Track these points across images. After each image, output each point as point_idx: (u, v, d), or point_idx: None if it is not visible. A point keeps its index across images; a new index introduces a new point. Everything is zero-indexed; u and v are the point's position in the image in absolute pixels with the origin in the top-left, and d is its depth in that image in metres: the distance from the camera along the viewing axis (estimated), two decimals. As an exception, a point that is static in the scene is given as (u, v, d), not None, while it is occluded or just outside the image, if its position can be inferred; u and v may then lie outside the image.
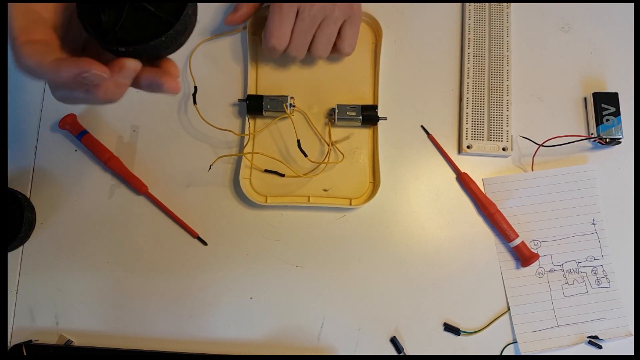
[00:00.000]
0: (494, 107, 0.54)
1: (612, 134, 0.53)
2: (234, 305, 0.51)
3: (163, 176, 0.53)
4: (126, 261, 0.51)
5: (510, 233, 0.51)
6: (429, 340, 0.50)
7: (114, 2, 0.33)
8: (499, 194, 0.53)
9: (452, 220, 0.53)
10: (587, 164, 0.54)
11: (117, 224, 0.52)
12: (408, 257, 0.52)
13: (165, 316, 0.50)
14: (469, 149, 0.53)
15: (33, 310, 0.50)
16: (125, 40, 0.32)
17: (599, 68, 0.57)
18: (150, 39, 0.32)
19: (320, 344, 0.50)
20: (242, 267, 0.51)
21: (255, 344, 0.50)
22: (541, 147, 0.53)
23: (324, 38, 0.50)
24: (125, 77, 0.32)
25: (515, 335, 0.50)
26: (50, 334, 0.50)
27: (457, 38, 0.57)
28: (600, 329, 0.51)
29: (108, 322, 0.50)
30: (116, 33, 0.33)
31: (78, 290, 0.51)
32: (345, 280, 0.51)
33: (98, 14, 0.33)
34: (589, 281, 0.52)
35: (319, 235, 0.52)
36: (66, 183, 0.53)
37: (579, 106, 0.56)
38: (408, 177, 0.54)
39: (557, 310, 0.51)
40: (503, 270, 0.52)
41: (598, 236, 0.53)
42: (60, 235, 0.52)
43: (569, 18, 0.58)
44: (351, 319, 0.51)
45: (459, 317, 0.51)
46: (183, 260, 0.51)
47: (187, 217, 0.52)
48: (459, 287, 0.51)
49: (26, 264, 0.51)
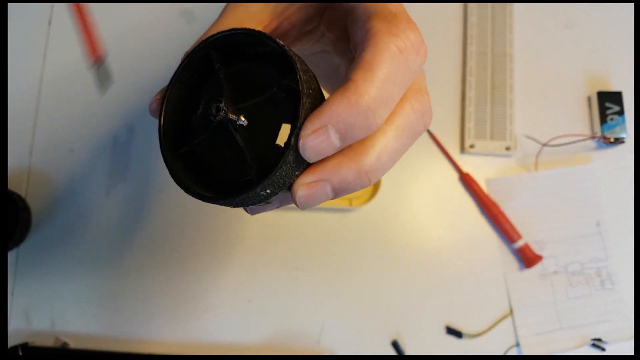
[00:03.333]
0: (497, 106, 0.54)
1: (616, 134, 0.52)
2: (232, 308, 0.50)
3: (160, 176, 0.52)
4: (123, 263, 0.51)
5: (514, 234, 0.50)
6: (431, 343, 0.50)
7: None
8: (502, 195, 0.52)
9: (454, 222, 0.52)
10: (591, 163, 0.53)
11: (114, 225, 0.51)
12: (409, 259, 0.51)
13: (162, 319, 0.50)
14: (472, 148, 0.53)
15: (29, 312, 0.50)
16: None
17: (603, 66, 0.56)
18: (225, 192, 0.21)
19: (320, 348, 0.49)
20: (240, 269, 0.51)
21: (253, 347, 0.49)
22: (545, 147, 0.52)
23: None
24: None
25: (518, 338, 0.50)
26: (46, 336, 0.49)
27: (459, 35, 0.56)
28: (604, 332, 0.50)
29: (104, 324, 0.50)
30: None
31: (74, 292, 0.50)
32: (346, 282, 0.51)
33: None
34: (593, 283, 0.51)
35: (318, 236, 0.51)
36: (62, 183, 0.52)
37: (583, 105, 0.55)
38: (409, 177, 0.53)
39: (561, 312, 0.50)
40: (506, 272, 0.51)
41: (602, 237, 0.52)
42: (55, 237, 0.51)
43: (573, 15, 0.57)
44: (351, 322, 0.50)
45: (462, 320, 0.50)
46: (180, 262, 0.51)
47: (185, 218, 0.51)
48: (461, 290, 0.51)
49: (22, 266, 0.51)
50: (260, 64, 0.22)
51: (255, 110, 0.21)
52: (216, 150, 0.22)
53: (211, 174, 0.22)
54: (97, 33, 0.39)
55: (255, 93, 0.21)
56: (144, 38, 0.55)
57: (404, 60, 0.20)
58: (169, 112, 0.23)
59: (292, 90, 0.20)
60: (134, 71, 0.54)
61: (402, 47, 0.20)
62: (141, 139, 0.53)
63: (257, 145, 0.21)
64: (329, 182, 0.20)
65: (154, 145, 0.53)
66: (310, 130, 0.19)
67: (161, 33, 0.55)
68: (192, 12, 0.55)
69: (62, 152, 0.53)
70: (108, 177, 0.52)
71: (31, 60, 0.54)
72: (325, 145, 0.19)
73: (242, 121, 0.21)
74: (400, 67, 0.20)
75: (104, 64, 0.38)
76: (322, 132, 0.19)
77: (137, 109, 0.54)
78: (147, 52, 0.55)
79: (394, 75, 0.20)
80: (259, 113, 0.21)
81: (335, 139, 0.19)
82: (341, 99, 0.19)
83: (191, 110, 0.23)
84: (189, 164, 0.22)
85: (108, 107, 0.53)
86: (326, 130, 0.19)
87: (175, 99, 0.23)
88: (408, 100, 0.21)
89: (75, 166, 0.52)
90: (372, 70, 0.19)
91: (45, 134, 0.53)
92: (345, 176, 0.20)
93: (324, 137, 0.19)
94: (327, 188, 0.21)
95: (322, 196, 0.21)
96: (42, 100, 0.54)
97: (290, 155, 0.19)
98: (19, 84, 0.53)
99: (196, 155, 0.22)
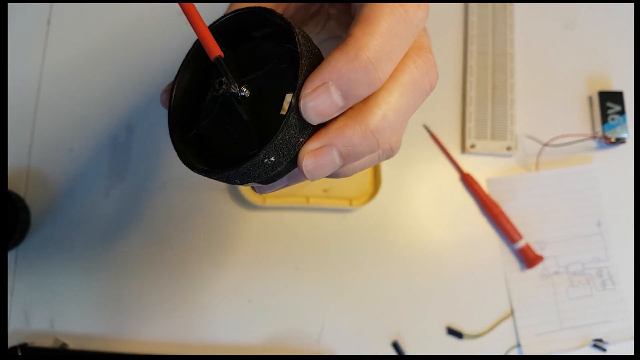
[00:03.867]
0: (498, 106, 0.53)
1: (617, 133, 0.52)
2: (231, 308, 0.50)
3: (160, 176, 0.52)
4: (122, 263, 0.51)
5: (515, 234, 0.50)
6: (432, 344, 0.49)
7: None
8: (502, 195, 0.52)
9: (455, 222, 0.52)
10: (592, 163, 0.53)
11: (113, 225, 0.51)
12: (410, 259, 0.51)
13: (161, 319, 0.50)
14: (472, 147, 0.53)
15: (28, 313, 0.50)
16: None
17: (604, 66, 0.56)
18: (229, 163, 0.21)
19: (320, 348, 0.49)
20: (240, 270, 0.51)
21: (253, 347, 0.49)
22: (546, 147, 0.52)
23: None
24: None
25: (519, 339, 0.50)
26: (45, 337, 0.49)
27: (460, 35, 0.56)
28: (606, 332, 0.50)
29: (103, 325, 0.49)
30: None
31: (73, 293, 0.50)
32: (346, 282, 0.50)
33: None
34: (594, 283, 0.51)
35: (318, 237, 0.51)
36: (61, 183, 0.52)
37: (584, 105, 0.55)
38: (410, 177, 0.53)
39: (562, 313, 0.50)
40: (507, 273, 0.51)
41: (603, 237, 0.52)
42: (55, 237, 0.51)
43: (574, 15, 0.57)
44: (352, 323, 0.50)
45: (462, 321, 0.50)
46: (180, 263, 0.51)
47: (185, 218, 0.51)
48: (461, 290, 0.51)
49: (21, 266, 0.51)
50: (264, 42, 0.22)
51: (259, 83, 0.21)
52: (223, 130, 0.22)
53: (219, 154, 0.22)
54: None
55: (257, 68, 0.21)
56: (144, 38, 0.55)
57: (404, 12, 0.19)
58: (178, 99, 0.23)
59: (293, 58, 0.20)
60: (134, 71, 0.54)
61: (401, 3, 0.19)
62: (141, 139, 0.53)
63: (262, 118, 0.21)
64: (334, 146, 0.19)
65: (154, 145, 0.53)
66: (310, 89, 0.18)
67: (161, 33, 0.55)
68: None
69: (62, 152, 0.52)
70: (107, 177, 0.52)
71: (30, 60, 0.54)
72: (328, 105, 0.19)
73: (244, 92, 0.21)
74: (401, 20, 0.19)
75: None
76: (323, 90, 0.18)
77: (137, 108, 0.54)
78: (147, 52, 0.55)
79: (394, 28, 0.19)
80: (263, 86, 0.21)
81: (337, 97, 0.19)
82: (340, 54, 0.19)
83: (200, 96, 0.23)
84: (198, 147, 0.22)
85: (107, 107, 0.53)
86: (327, 87, 0.18)
87: (184, 87, 0.23)
88: (411, 57, 0.20)
89: (74, 166, 0.52)
90: (371, 23, 0.19)
91: (44, 134, 0.53)
92: (350, 138, 0.19)
93: (325, 95, 0.19)
94: (334, 153, 0.20)
95: (330, 163, 0.20)
96: (41, 99, 0.53)
97: (291, 117, 0.19)
98: (18, 84, 0.53)
99: (204, 138, 0.22)
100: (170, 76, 0.57)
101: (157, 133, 0.53)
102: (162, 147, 0.53)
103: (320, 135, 0.20)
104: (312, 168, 0.20)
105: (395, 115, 0.20)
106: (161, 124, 0.53)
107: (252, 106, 0.21)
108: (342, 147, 0.19)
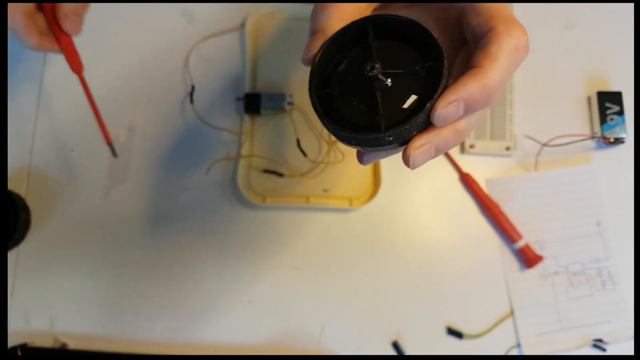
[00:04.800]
0: (497, 106, 0.54)
1: (615, 134, 0.53)
2: (231, 309, 0.50)
3: (160, 177, 0.52)
4: (122, 263, 0.51)
5: (514, 234, 0.50)
6: (432, 344, 0.50)
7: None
8: (502, 195, 0.52)
9: (454, 222, 0.52)
10: (591, 163, 0.53)
11: (113, 225, 0.51)
12: (410, 259, 0.51)
13: (161, 319, 0.50)
14: (472, 148, 0.53)
15: (28, 313, 0.50)
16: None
17: (603, 66, 0.56)
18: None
19: (321, 348, 0.49)
20: (240, 270, 0.51)
21: (253, 347, 0.49)
22: (544, 147, 0.52)
23: None
24: None
25: (519, 339, 0.50)
26: (45, 337, 0.49)
27: (459, 36, 0.56)
28: (606, 332, 0.50)
29: (104, 325, 0.50)
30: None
31: (74, 293, 0.50)
32: (346, 282, 0.50)
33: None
34: (594, 283, 0.51)
35: (318, 236, 0.51)
36: (62, 184, 0.52)
37: (582, 105, 0.55)
38: (410, 177, 0.53)
39: (562, 312, 0.50)
40: (507, 273, 0.51)
41: (602, 237, 0.52)
42: (55, 237, 0.51)
43: (573, 16, 0.57)
44: (352, 323, 0.50)
45: (462, 321, 0.50)
46: (180, 263, 0.51)
47: (185, 218, 0.51)
48: (461, 290, 0.51)
49: (21, 266, 0.51)
50: (403, 43, 0.27)
51: (396, 78, 0.26)
52: (349, 99, 0.27)
53: (340, 117, 0.27)
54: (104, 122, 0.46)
55: (395, 66, 0.26)
56: (145, 38, 0.55)
57: (517, 55, 0.26)
58: (321, 61, 0.27)
59: (430, 70, 0.26)
60: (135, 71, 0.55)
61: (517, 45, 0.26)
62: (141, 139, 0.53)
63: (388, 104, 0.26)
64: (433, 144, 0.26)
65: (155, 145, 0.53)
66: (446, 102, 0.24)
67: (162, 33, 0.55)
68: (192, 13, 0.56)
69: (63, 153, 0.53)
70: (108, 177, 0.52)
71: (32, 60, 0.55)
72: (453, 115, 0.25)
73: (388, 82, 0.26)
74: (515, 60, 0.26)
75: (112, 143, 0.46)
76: (455, 105, 0.25)
77: (138, 109, 0.54)
78: (148, 53, 0.55)
79: (509, 66, 0.26)
80: (397, 81, 0.26)
81: (461, 110, 0.25)
82: (473, 81, 0.25)
83: (332, 65, 0.28)
84: (325, 105, 0.27)
85: (108, 107, 0.53)
86: (458, 103, 0.25)
87: (327, 54, 0.28)
88: (507, 31, 0.27)
89: (75, 166, 0.52)
90: (497, 60, 0.25)
91: (45, 134, 0.53)
92: (445, 137, 0.26)
93: (454, 108, 0.25)
94: (432, 149, 0.26)
95: (428, 156, 0.26)
96: (43, 100, 0.54)
97: (421, 117, 0.25)
98: (19, 84, 0.53)
99: (332, 99, 0.27)
100: (169, 77, 0.56)
101: (158, 133, 0.53)
102: (163, 147, 0.53)
103: (424, 136, 0.26)
104: (415, 158, 0.26)
105: (475, 120, 0.27)
106: (162, 124, 0.53)
107: (382, 92, 0.26)
108: (438, 143, 0.26)
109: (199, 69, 0.54)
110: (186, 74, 0.54)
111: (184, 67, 0.54)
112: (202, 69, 0.54)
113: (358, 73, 0.26)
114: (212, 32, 0.55)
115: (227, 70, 0.54)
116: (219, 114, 0.53)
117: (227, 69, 0.54)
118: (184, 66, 0.54)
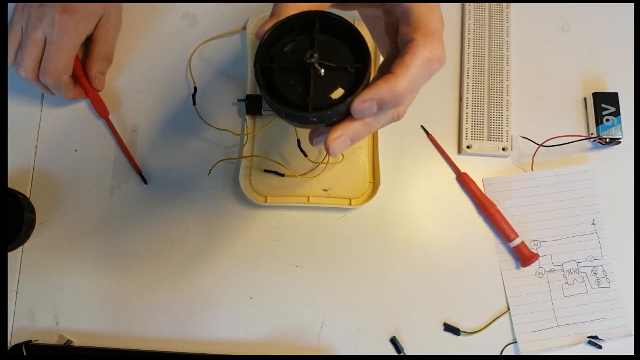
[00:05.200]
0: (493, 107, 0.54)
1: (612, 134, 0.53)
2: (233, 305, 0.51)
3: (162, 176, 0.53)
4: (126, 261, 0.51)
5: (510, 233, 0.51)
6: (429, 340, 0.50)
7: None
8: (499, 194, 0.53)
9: (452, 221, 0.53)
10: (587, 164, 0.54)
11: (117, 224, 0.52)
12: (408, 257, 0.52)
13: (165, 316, 0.50)
14: (468, 148, 0.53)
15: (33, 310, 0.50)
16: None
17: (599, 68, 0.57)
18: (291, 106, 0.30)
19: (320, 344, 0.50)
20: (242, 267, 0.51)
21: (255, 344, 0.50)
22: (541, 147, 0.53)
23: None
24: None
25: (515, 335, 0.50)
26: (50, 334, 0.50)
27: (457, 38, 0.57)
28: (600, 329, 0.51)
29: (108, 322, 0.50)
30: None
31: (78, 290, 0.51)
32: (345, 280, 0.51)
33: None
34: (589, 281, 0.52)
35: (318, 235, 0.52)
36: (66, 183, 0.53)
37: (579, 106, 0.56)
38: (408, 177, 0.54)
39: (557, 310, 0.51)
40: (503, 270, 0.52)
41: (598, 236, 0.53)
42: (60, 235, 0.52)
43: (569, 18, 0.58)
44: (351, 319, 0.51)
45: (459, 317, 0.51)
46: (183, 260, 0.51)
47: (187, 216, 0.52)
48: (458, 287, 0.51)
49: (26, 264, 0.51)
50: (342, 42, 0.31)
51: (329, 70, 0.31)
52: (288, 78, 0.31)
53: (277, 91, 0.31)
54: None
55: (332, 60, 0.31)
56: (146, 39, 0.56)
57: (430, 67, 0.30)
58: (268, 39, 0.31)
59: (358, 71, 0.30)
60: (137, 72, 0.55)
61: (431, 57, 0.30)
62: (144, 139, 0.54)
63: (318, 90, 0.30)
64: (348, 135, 0.31)
65: (157, 145, 0.53)
66: (362, 100, 0.29)
67: (164, 35, 0.56)
68: (194, 16, 0.56)
69: (66, 152, 0.53)
70: (112, 177, 0.53)
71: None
72: (368, 111, 0.30)
73: (322, 72, 0.30)
74: (427, 70, 0.30)
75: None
76: (369, 103, 0.29)
77: (141, 109, 0.54)
78: (149, 53, 0.55)
79: (420, 76, 0.30)
80: (330, 73, 0.31)
81: (375, 108, 0.30)
82: (385, 85, 0.29)
83: (280, 45, 0.32)
84: (266, 78, 0.31)
85: (112, 107, 0.54)
86: (371, 102, 0.29)
87: (276, 33, 0.31)
88: (423, 43, 0.30)
89: (79, 166, 0.53)
90: (408, 69, 0.29)
91: (49, 134, 0.54)
92: (357, 129, 0.31)
93: (369, 106, 0.29)
94: (347, 139, 0.31)
95: (344, 145, 0.31)
96: (46, 100, 0.54)
97: (341, 107, 0.29)
98: (22, 84, 0.53)
99: (272, 75, 0.31)
100: (172, 79, 0.57)
101: (161, 133, 0.54)
102: (166, 147, 0.53)
103: (339, 128, 0.31)
104: (335, 146, 0.31)
105: (413, 83, 0.30)
106: (165, 125, 0.54)
107: (316, 79, 0.30)
108: (351, 134, 0.31)
109: (201, 70, 0.55)
110: (188, 75, 0.55)
111: (187, 69, 0.55)
112: (204, 71, 0.55)
113: (300, 58, 0.30)
114: (214, 34, 0.56)
115: (229, 71, 0.55)
116: (221, 115, 0.54)
117: (229, 71, 0.55)
118: (186, 68, 0.55)
